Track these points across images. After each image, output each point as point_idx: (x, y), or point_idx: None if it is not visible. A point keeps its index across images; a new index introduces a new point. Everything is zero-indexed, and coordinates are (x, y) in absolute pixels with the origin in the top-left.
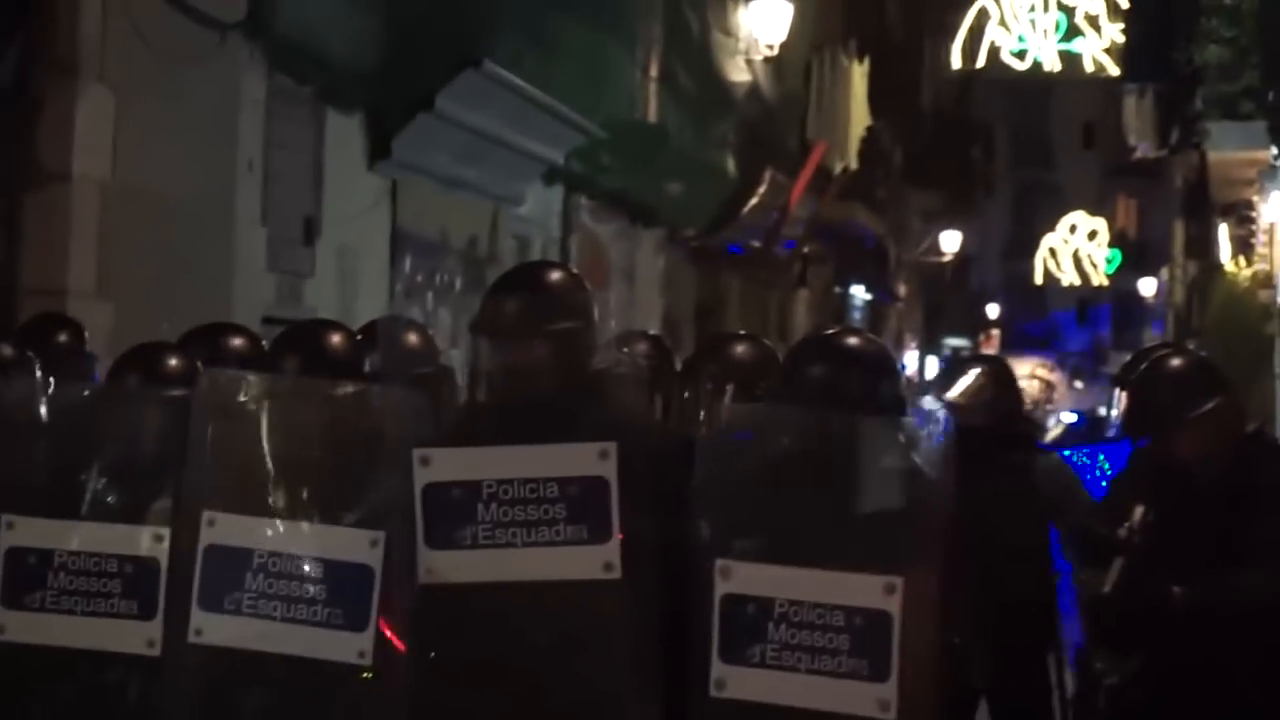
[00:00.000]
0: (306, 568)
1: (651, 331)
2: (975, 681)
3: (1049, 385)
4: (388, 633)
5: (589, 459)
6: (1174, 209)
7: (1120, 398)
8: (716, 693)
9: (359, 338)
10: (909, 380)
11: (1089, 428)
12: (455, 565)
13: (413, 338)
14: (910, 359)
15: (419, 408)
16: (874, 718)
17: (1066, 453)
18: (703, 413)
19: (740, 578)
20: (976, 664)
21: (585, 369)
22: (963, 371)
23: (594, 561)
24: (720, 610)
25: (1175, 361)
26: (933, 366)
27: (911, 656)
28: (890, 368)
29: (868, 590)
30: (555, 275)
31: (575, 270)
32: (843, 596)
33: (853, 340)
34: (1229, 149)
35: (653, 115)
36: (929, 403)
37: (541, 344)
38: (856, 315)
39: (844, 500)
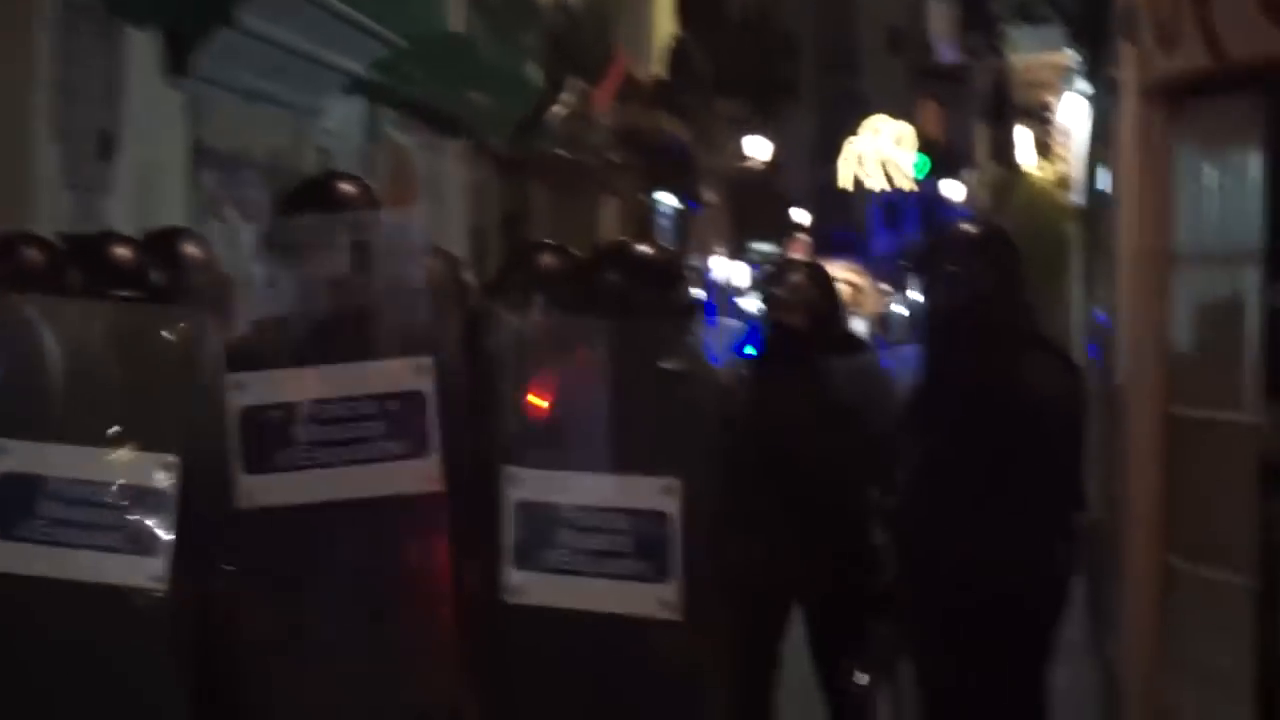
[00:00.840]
0: (99, 493)
1: (443, 247)
2: (788, 591)
3: (858, 289)
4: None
5: (405, 374)
6: (977, 113)
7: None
8: (513, 599)
9: (146, 249)
10: (718, 286)
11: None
12: (276, 488)
13: (193, 249)
14: (718, 266)
15: (204, 323)
16: (658, 616)
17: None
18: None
19: (529, 484)
20: (783, 571)
21: (389, 282)
22: (782, 275)
23: (416, 476)
24: (513, 517)
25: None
26: (741, 273)
27: (692, 557)
28: (680, 275)
29: (647, 492)
30: (347, 186)
31: (371, 184)
32: (624, 499)
33: (643, 249)
34: (1028, 52)
35: (457, 25)
36: (748, 304)
37: (338, 254)
38: (664, 223)
39: (627, 404)
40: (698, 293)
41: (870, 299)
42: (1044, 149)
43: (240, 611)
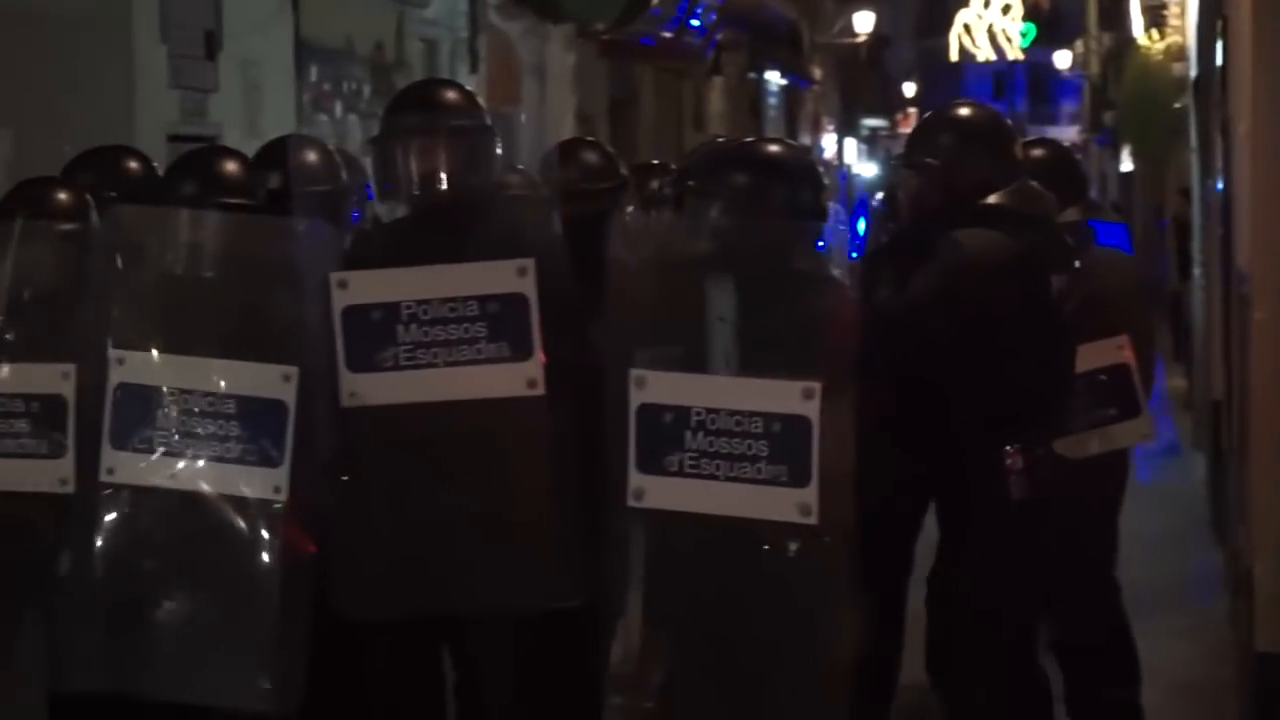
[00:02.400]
0: (219, 404)
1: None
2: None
3: None
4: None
5: (508, 276)
6: None
7: None
8: (635, 502)
9: (260, 158)
10: (828, 163)
11: None
12: (379, 387)
13: (312, 156)
14: (828, 142)
15: (323, 232)
16: (794, 522)
17: None
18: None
19: (656, 386)
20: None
21: (491, 184)
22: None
23: (518, 378)
24: (637, 420)
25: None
26: (851, 149)
27: (829, 460)
28: (811, 174)
29: (786, 395)
30: (450, 90)
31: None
32: (760, 403)
33: (773, 148)
34: None
35: None
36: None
37: (448, 148)
38: (772, 101)
39: (761, 308)
40: (827, 193)
41: None
42: (1156, 19)
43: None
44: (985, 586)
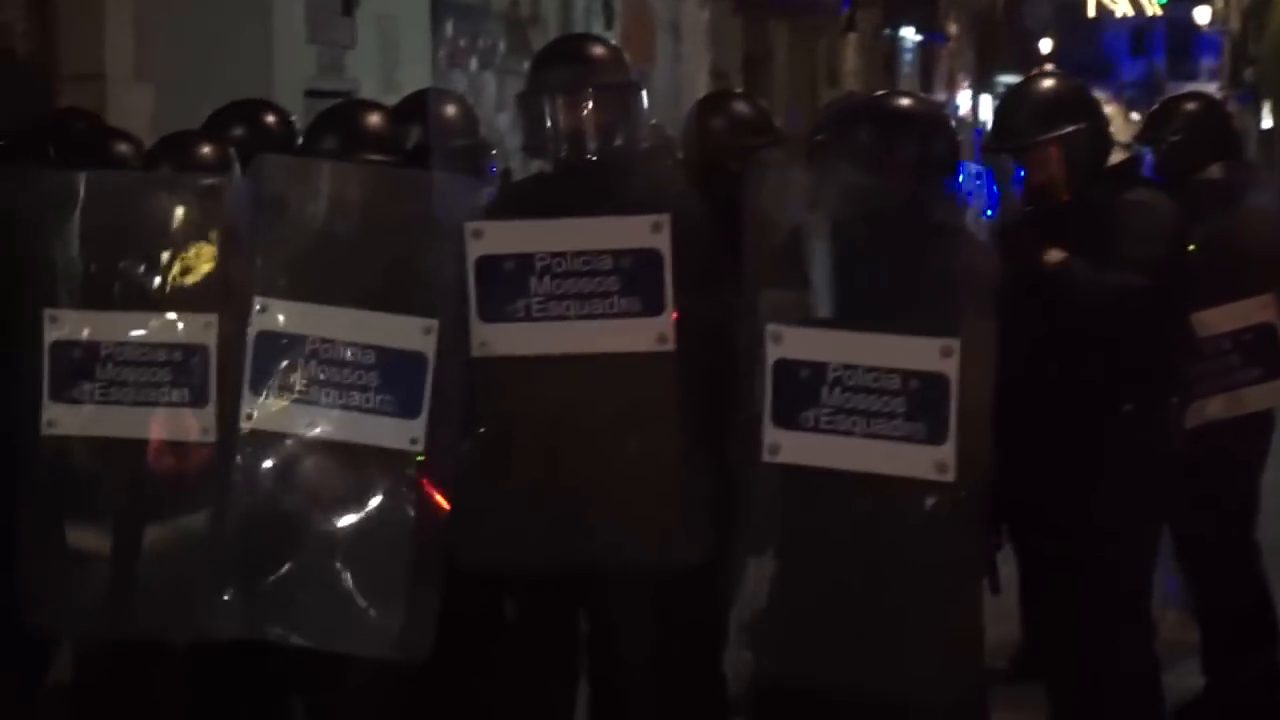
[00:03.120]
0: (359, 355)
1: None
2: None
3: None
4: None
5: (642, 231)
6: None
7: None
8: (770, 457)
9: (400, 112)
10: (963, 120)
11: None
12: (509, 338)
13: (451, 110)
14: (964, 99)
15: (466, 185)
16: (931, 479)
17: None
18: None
19: (792, 342)
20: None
21: (635, 142)
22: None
23: (648, 334)
24: (773, 375)
25: (1041, 84)
26: (986, 106)
27: (967, 418)
28: (943, 128)
29: (925, 353)
30: (599, 46)
31: (616, 41)
32: (898, 360)
33: (904, 102)
34: None
35: None
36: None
37: (594, 101)
38: (907, 58)
39: (898, 263)
40: (957, 148)
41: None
42: None
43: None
44: (1112, 538)
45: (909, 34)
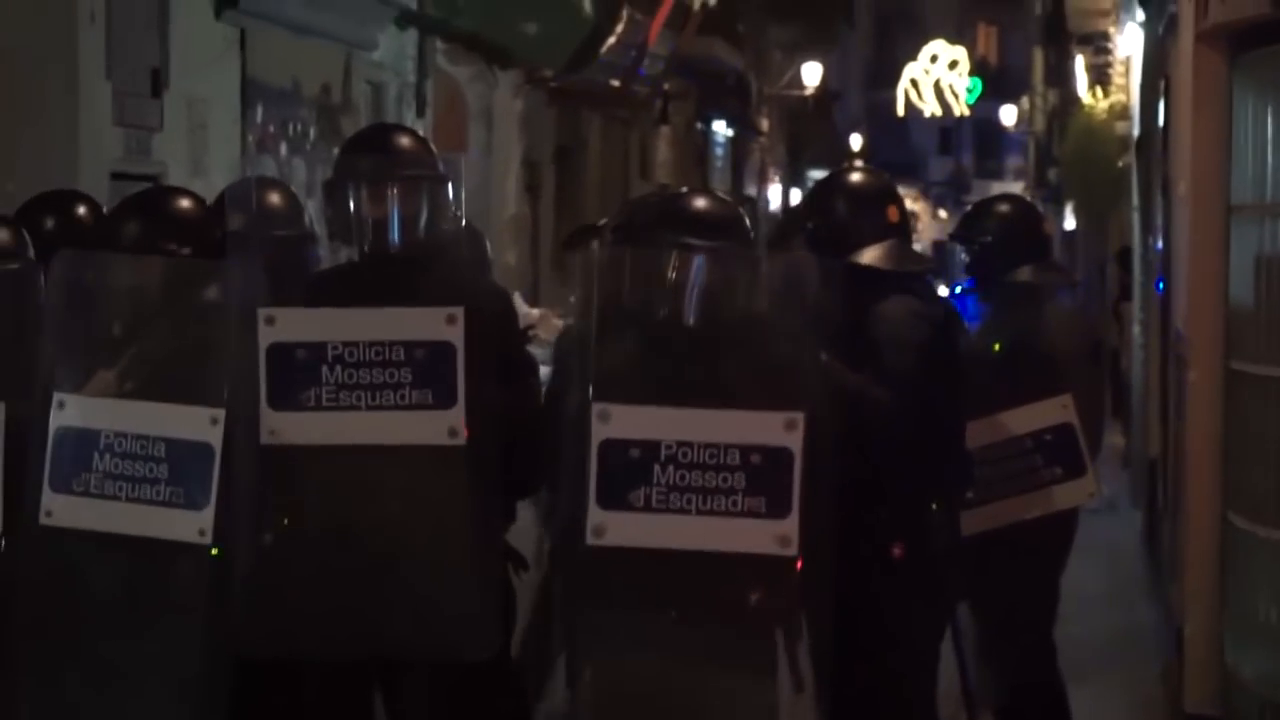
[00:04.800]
0: (149, 447)
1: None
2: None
3: (913, 215)
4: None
5: (436, 323)
6: (1033, 37)
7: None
8: (595, 540)
9: (222, 198)
10: (774, 215)
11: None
12: (299, 426)
13: (275, 198)
14: (774, 193)
15: (259, 278)
16: (774, 554)
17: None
18: None
19: (621, 421)
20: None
21: (436, 229)
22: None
23: (439, 426)
24: (599, 455)
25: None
26: (797, 200)
27: (809, 492)
28: (737, 228)
29: (767, 427)
30: (406, 137)
31: (428, 129)
32: (738, 435)
33: (700, 203)
34: None
35: None
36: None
37: (399, 192)
38: (719, 151)
39: (738, 339)
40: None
41: (928, 226)
42: (1100, 77)
43: None
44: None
45: (721, 128)
